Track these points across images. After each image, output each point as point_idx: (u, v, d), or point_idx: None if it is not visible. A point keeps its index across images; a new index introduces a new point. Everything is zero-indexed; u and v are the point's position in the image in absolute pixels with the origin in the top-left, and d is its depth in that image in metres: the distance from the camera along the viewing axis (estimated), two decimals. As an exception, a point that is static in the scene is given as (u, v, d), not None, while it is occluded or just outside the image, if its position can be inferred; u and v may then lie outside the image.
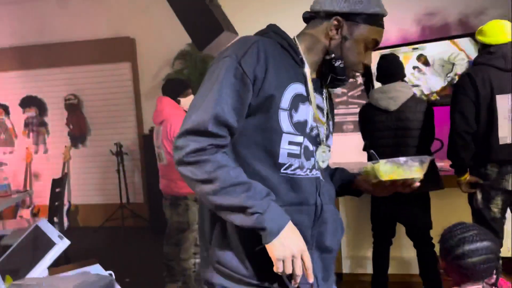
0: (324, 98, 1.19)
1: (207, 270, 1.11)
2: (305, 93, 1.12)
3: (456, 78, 3.26)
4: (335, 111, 1.22)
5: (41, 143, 5.45)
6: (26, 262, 1.29)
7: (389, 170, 1.12)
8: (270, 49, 1.08)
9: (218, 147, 1.01)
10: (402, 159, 1.13)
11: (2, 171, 5.29)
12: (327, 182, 1.21)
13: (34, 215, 4.85)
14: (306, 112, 1.12)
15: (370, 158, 2.71)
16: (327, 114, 1.19)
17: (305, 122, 1.11)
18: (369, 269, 3.12)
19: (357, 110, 3.10)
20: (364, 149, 2.77)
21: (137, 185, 5.43)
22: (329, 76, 1.15)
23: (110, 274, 0.71)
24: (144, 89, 5.29)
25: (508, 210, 2.38)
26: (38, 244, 1.33)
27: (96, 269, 1.30)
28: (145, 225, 5.11)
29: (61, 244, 1.21)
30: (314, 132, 1.14)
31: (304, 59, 1.15)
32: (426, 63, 3.52)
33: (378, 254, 2.82)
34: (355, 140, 3.94)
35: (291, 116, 1.08)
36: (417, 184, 1.15)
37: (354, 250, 3.30)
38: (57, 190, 3.69)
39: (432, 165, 2.61)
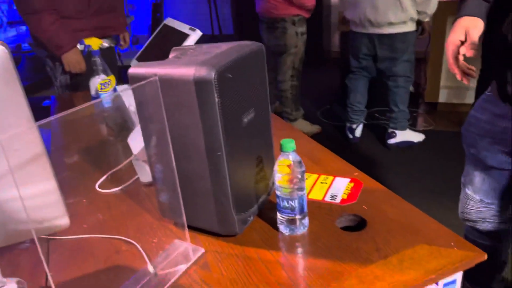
0: None
1: None
2: None
3: None
4: None
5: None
6: (162, 57, 1.40)
7: None
8: None
9: None
10: None
11: None
12: None
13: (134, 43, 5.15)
14: None
15: None
16: None
17: None
18: (467, 100, 3.05)
19: None
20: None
21: (226, 15, 5.43)
22: None
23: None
24: None
25: None
26: (170, 39, 1.44)
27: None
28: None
29: (194, 35, 1.30)
30: None
31: None
32: None
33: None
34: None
35: None
36: None
37: (452, 80, 3.19)
38: (158, 15, 3.83)
39: None
